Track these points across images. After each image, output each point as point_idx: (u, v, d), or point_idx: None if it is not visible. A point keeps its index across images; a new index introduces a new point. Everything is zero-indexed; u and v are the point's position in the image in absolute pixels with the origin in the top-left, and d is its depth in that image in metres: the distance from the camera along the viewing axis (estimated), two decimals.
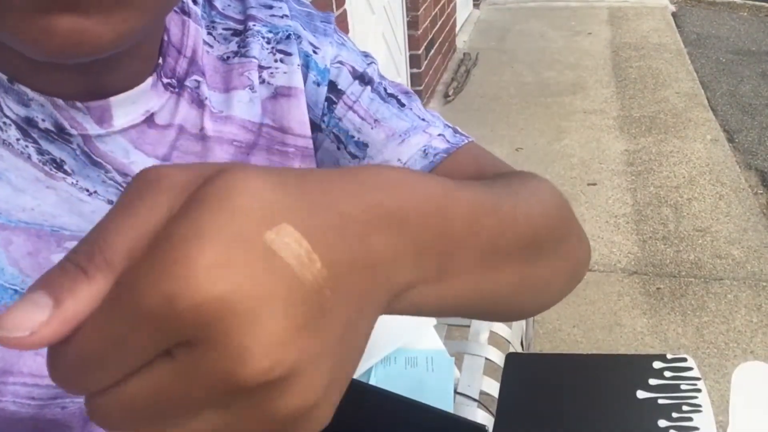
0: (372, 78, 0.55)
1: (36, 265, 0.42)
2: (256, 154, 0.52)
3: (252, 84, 0.52)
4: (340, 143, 0.54)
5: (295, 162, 0.53)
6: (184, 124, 0.49)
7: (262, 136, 0.52)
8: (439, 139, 0.53)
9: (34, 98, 0.42)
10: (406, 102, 0.55)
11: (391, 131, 0.53)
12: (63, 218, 0.43)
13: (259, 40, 0.53)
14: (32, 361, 0.42)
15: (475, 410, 1.10)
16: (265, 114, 0.52)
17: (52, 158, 0.43)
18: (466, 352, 1.24)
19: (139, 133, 0.47)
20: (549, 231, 0.43)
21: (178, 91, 0.49)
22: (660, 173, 3.19)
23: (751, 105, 3.95)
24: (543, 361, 0.67)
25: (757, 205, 2.91)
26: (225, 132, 0.51)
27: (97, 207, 0.45)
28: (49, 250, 0.43)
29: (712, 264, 2.56)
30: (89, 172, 0.45)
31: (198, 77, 0.50)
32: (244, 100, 0.51)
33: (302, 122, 0.53)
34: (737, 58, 4.69)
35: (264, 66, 0.53)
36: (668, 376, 0.54)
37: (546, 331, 2.25)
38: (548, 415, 0.54)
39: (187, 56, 0.50)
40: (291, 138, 0.53)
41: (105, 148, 0.45)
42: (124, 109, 0.45)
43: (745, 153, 3.41)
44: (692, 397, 0.52)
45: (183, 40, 0.50)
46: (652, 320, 2.29)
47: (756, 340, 2.19)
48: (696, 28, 5.31)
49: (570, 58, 4.72)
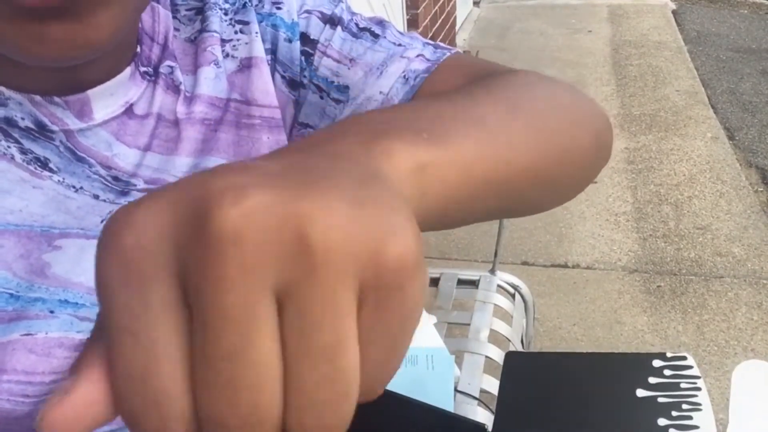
0: (341, 17, 0.54)
1: (28, 266, 0.42)
2: (225, 131, 0.51)
3: (216, 59, 0.51)
4: (323, 92, 0.53)
5: (263, 134, 0.52)
6: (161, 112, 0.49)
7: (230, 111, 0.51)
8: (418, 60, 0.51)
9: (11, 97, 0.42)
10: (379, 32, 0.53)
11: (367, 67, 0.51)
12: (51, 217, 0.43)
13: (217, 13, 0.52)
14: (25, 358, 0.42)
15: (475, 408, 1.10)
16: (232, 89, 0.51)
17: (36, 157, 0.43)
18: (466, 350, 1.24)
19: (120, 124, 0.46)
20: (551, 110, 0.40)
21: (154, 79, 0.48)
22: (660, 171, 3.19)
23: (751, 103, 3.94)
24: (542, 359, 0.67)
25: (757, 203, 2.90)
26: (195, 112, 0.50)
27: (83, 203, 0.44)
28: (40, 251, 0.42)
29: (712, 262, 2.55)
30: (74, 168, 0.44)
31: (171, 62, 0.49)
32: (210, 76, 0.51)
33: (266, 92, 0.52)
34: (737, 56, 4.69)
35: (225, 39, 0.52)
36: (668, 374, 0.53)
37: (546, 329, 2.25)
38: (547, 414, 0.54)
39: (160, 43, 0.49)
40: (256, 109, 0.52)
41: (87, 142, 0.45)
42: (103, 101, 0.45)
43: (745, 151, 3.40)
44: (692, 396, 0.52)
45: (154, 27, 0.50)
46: (653, 318, 2.29)
47: (756, 338, 2.19)
48: (696, 26, 5.31)
49: (570, 56, 4.71)
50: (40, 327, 0.42)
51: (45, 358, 0.42)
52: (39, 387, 0.42)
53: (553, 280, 2.48)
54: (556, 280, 2.48)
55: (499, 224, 1.50)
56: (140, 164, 0.47)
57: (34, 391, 0.42)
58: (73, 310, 0.43)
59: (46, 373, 0.42)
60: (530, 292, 1.50)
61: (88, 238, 0.44)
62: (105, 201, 0.46)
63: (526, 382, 0.56)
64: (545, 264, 2.57)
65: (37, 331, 0.42)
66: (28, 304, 0.42)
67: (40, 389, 0.42)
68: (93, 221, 0.45)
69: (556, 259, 2.59)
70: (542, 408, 0.54)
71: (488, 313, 1.36)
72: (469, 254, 2.56)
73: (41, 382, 0.42)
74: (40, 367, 0.42)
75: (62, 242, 0.43)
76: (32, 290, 0.42)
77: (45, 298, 0.43)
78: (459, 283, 1.46)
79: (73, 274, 0.44)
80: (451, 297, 1.42)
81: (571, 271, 2.53)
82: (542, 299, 2.34)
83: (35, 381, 0.42)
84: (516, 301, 1.46)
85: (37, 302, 0.42)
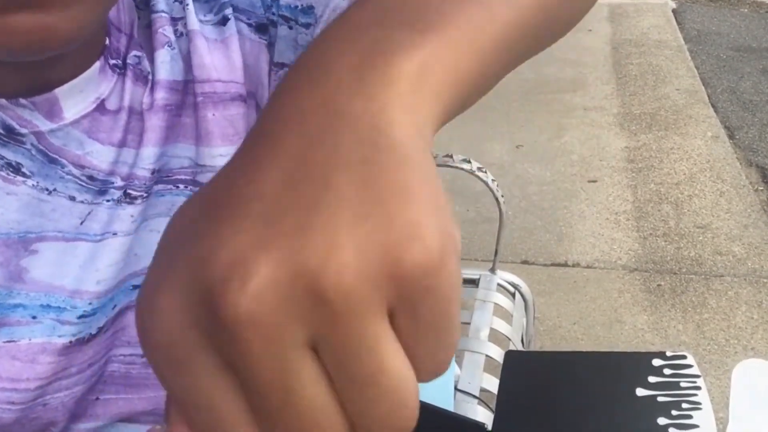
0: None
1: (8, 273, 0.41)
2: (188, 115, 0.49)
3: (169, 40, 0.48)
4: (291, 21, 0.50)
5: (208, 111, 0.49)
6: (132, 105, 0.47)
7: (189, 93, 0.49)
8: None
9: None
10: None
11: None
12: (27, 222, 0.42)
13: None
14: (9, 365, 0.41)
15: (475, 407, 1.10)
16: (189, 69, 0.49)
17: (7, 162, 0.41)
18: (467, 348, 1.24)
19: (92, 121, 0.45)
20: None
21: (123, 71, 0.46)
22: (660, 170, 3.18)
23: (751, 102, 3.94)
24: (542, 358, 0.67)
25: (757, 202, 2.90)
26: (157, 99, 0.48)
27: (57, 205, 0.43)
28: (18, 257, 0.42)
29: (712, 261, 2.55)
30: (47, 170, 0.43)
31: (137, 52, 0.47)
32: (166, 59, 0.48)
33: (202, 66, 0.48)
34: (738, 55, 4.68)
35: (176, 17, 0.49)
36: (668, 373, 0.54)
37: (546, 328, 2.25)
38: (547, 413, 0.54)
39: (126, 33, 0.47)
40: (221, 85, 0.49)
41: (59, 142, 0.43)
42: (72, 99, 0.43)
43: (745, 150, 3.40)
44: (692, 395, 0.52)
45: (120, 16, 0.47)
46: (653, 317, 2.29)
47: (756, 337, 2.19)
48: (696, 25, 5.30)
49: (570, 55, 4.71)
50: (22, 333, 0.42)
51: (29, 364, 0.42)
52: (24, 394, 0.42)
53: (553, 279, 2.48)
54: (556, 279, 2.48)
55: (499, 223, 1.50)
56: (116, 161, 0.46)
57: (19, 398, 0.42)
58: (56, 314, 0.43)
59: (31, 380, 0.42)
60: (530, 291, 1.50)
61: (67, 241, 0.43)
62: (82, 202, 0.44)
63: (526, 381, 0.56)
64: (545, 263, 2.57)
65: (20, 338, 0.41)
66: (8, 311, 0.41)
67: (26, 396, 0.42)
68: (71, 223, 0.44)
69: (556, 258, 2.59)
70: (542, 407, 0.54)
71: (488, 312, 1.36)
72: (469, 253, 2.56)
73: (26, 388, 0.42)
74: (24, 373, 0.42)
75: (39, 246, 0.42)
76: (11, 297, 0.41)
77: (26, 303, 0.42)
78: None
79: (54, 277, 0.43)
80: None
81: (571, 270, 2.53)
82: (542, 298, 2.34)
83: (20, 388, 0.42)
84: (516, 300, 1.46)
85: (18, 308, 0.42)
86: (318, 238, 0.20)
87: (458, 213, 2.75)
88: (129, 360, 0.48)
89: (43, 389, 0.43)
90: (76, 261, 0.44)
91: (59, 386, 0.44)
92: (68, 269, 0.43)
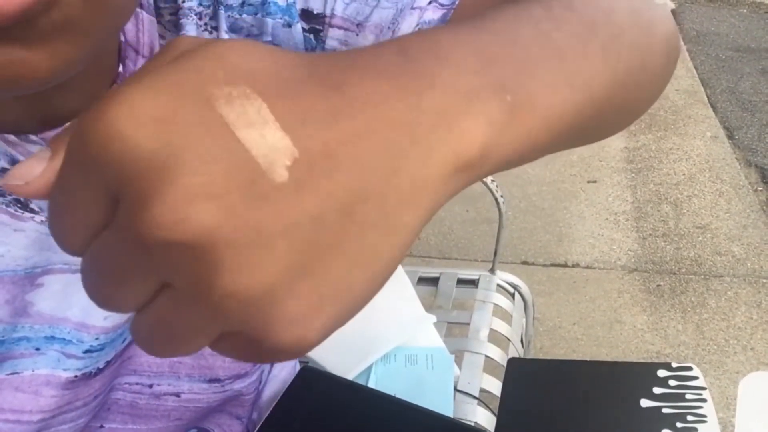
0: None
1: (14, 310, 0.40)
2: None
3: None
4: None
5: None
6: None
7: None
8: (432, 8, 0.45)
9: None
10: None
11: (378, 29, 0.46)
12: (34, 258, 0.41)
13: (192, 18, 0.46)
14: (12, 397, 0.40)
15: (475, 408, 1.10)
16: None
17: (15, 199, 0.40)
18: (466, 349, 1.24)
19: None
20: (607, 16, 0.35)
21: None
22: (660, 170, 3.18)
23: (751, 102, 3.94)
24: (545, 367, 0.67)
25: (757, 202, 2.90)
26: None
27: None
28: (24, 292, 0.41)
29: (712, 261, 2.55)
30: None
31: None
32: None
33: None
34: (737, 55, 4.68)
35: None
36: (673, 385, 0.53)
37: (546, 329, 2.25)
38: (550, 422, 0.53)
39: (145, 55, 0.44)
40: None
41: None
42: None
43: (744, 150, 3.40)
44: (697, 407, 0.51)
45: (138, 36, 0.44)
46: (652, 317, 2.29)
47: (756, 337, 2.19)
48: (695, 25, 5.30)
49: None
50: (26, 365, 0.41)
51: (33, 396, 0.41)
52: (27, 426, 0.41)
53: (553, 279, 2.48)
54: (556, 279, 2.48)
55: (498, 224, 1.50)
56: None
57: (22, 430, 0.41)
58: (60, 346, 0.42)
59: (34, 412, 0.41)
60: (530, 291, 1.50)
61: (72, 272, 0.42)
62: None
63: (529, 390, 0.55)
64: (545, 263, 2.57)
65: (23, 369, 0.41)
66: (12, 345, 0.41)
67: (28, 428, 0.42)
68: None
69: (555, 258, 2.59)
70: (545, 415, 0.54)
71: (488, 312, 1.36)
72: (468, 254, 2.56)
73: (29, 420, 0.41)
74: (27, 405, 0.41)
75: (44, 279, 0.41)
76: (16, 331, 0.41)
77: (30, 336, 0.41)
78: (458, 282, 1.45)
79: (59, 309, 0.42)
80: (451, 296, 1.41)
81: (570, 271, 2.53)
82: (542, 298, 2.34)
83: (23, 420, 0.41)
84: (516, 300, 1.46)
85: (22, 341, 0.41)
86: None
87: (458, 213, 2.75)
88: (136, 389, 0.47)
89: (46, 422, 0.43)
90: (81, 293, 0.43)
91: (63, 419, 0.44)
92: (73, 300, 0.43)
